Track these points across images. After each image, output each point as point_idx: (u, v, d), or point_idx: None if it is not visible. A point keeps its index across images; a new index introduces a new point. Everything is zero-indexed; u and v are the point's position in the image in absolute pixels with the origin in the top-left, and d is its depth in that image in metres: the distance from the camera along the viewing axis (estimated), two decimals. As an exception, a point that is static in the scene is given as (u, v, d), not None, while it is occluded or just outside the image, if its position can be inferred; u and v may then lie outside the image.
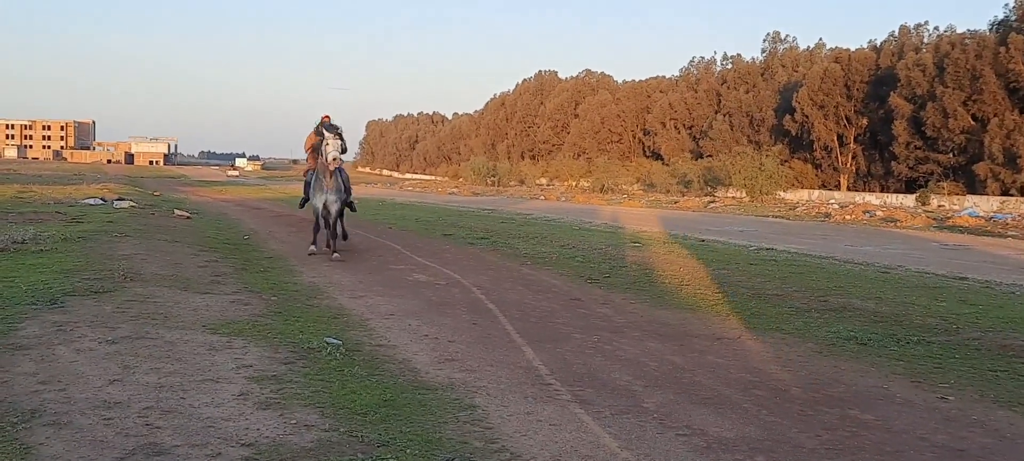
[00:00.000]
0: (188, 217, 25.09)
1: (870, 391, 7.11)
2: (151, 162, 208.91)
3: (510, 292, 12.23)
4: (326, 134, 15.25)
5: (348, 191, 16.10)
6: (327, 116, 15.80)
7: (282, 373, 6.98)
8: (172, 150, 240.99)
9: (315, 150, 15.77)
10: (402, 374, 7.22)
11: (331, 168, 15.24)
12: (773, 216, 41.80)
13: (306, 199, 16.50)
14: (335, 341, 8.32)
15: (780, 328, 9.79)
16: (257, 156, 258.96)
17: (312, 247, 16.08)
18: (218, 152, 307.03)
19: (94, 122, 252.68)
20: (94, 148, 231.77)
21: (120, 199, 30.41)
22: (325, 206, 15.42)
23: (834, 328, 9.73)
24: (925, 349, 8.67)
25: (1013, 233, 29.54)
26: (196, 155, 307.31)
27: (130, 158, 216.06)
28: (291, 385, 6.58)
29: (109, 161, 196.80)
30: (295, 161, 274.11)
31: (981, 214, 41.07)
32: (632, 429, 5.93)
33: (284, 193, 56.83)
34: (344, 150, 15.57)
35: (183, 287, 11.11)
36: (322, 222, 15.79)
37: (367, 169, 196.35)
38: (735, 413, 6.40)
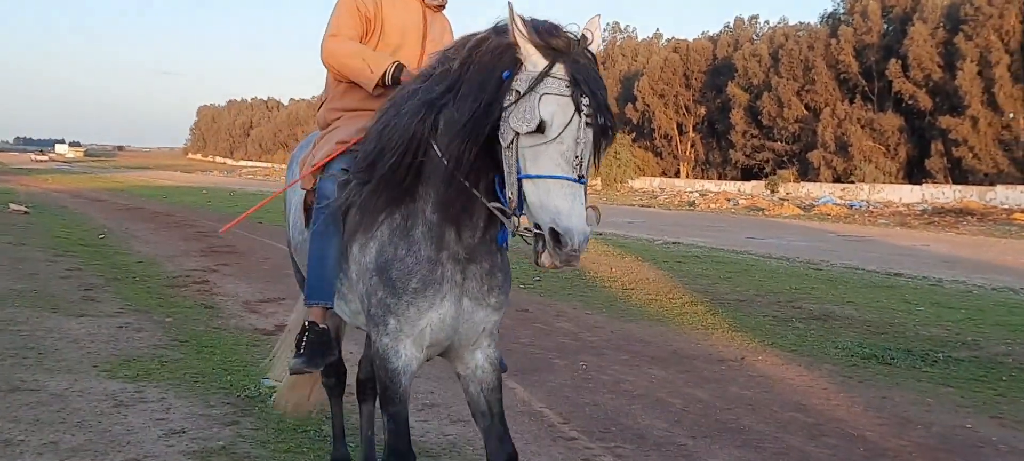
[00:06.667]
0: (26, 212, 22.08)
1: (958, 435, 5.91)
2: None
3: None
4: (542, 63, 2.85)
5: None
6: None
7: (231, 442, 5.20)
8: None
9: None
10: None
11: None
12: (640, 205, 41.40)
13: (322, 341, 3.89)
14: (276, 383, 6.50)
15: (777, 344, 8.57)
16: (78, 142, 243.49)
17: None
18: (36, 138, 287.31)
19: None
20: None
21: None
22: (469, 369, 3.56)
23: (837, 343, 8.61)
24: (961, 370, 7.61)
25: (884, 221, 29.84)
26: (11, 141, 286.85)
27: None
28: (256, 466, 4.81)
29: None
30: (120, 148, 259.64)
31: (838, 201, 41.86)
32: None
33: (118, 182, 53.00)
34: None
35: (51, 307, 8.96)
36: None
37: (199, 156, 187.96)
38: (835, 477, 5.05)
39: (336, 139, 3.82)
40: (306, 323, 3.89)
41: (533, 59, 2.85)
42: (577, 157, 2.79)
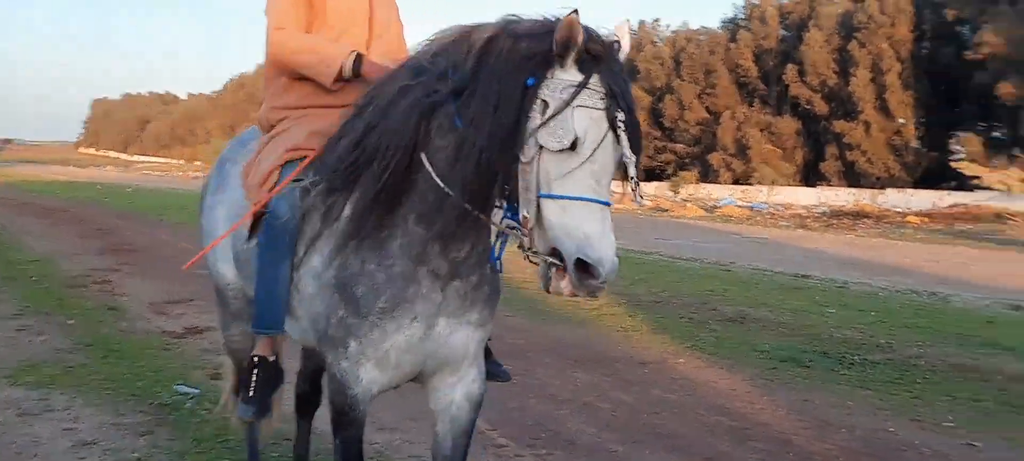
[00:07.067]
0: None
1: (880, 438, 6.00)
2: None
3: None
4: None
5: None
6: None
7: (146, 454, 4.95)
8: None
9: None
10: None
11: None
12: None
13: (273, 377, 3.57)
14: (190, 389, 6.26)
15: (696, 346, 8.61)
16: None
17: None
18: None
19: None
20: None
21: None
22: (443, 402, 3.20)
23: (754, 345, 8.69)
24: (876, 372, 7.76)
25: (785, 223, 30.54)
26: None
27: None
28: (176, 479, 4.57)
29: None
30: (7, 141, 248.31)
31: (740, 203, 42.75)
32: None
33: (6, 176, 50.88)
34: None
35: (-60, 310, 8.47)
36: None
37: (92, 151, 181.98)
38: (768, 483, 5.06)
39: (284, 146, 3.29)
40: (256, 358, 3.42)
41: (566, 66, 2.47)
42: (608, 177, 2.51)
